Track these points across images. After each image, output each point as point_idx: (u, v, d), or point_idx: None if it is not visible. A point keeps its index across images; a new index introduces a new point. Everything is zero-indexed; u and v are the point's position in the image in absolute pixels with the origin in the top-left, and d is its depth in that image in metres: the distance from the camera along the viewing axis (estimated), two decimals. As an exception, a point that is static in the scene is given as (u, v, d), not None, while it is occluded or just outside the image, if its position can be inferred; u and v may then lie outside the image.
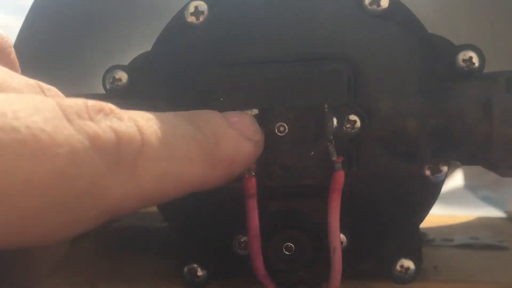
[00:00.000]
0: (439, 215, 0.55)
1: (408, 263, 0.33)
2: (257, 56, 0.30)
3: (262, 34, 0.30)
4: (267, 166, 0.28)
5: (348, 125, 0.28)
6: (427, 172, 0.31)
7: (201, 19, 0.33)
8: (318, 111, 0.28)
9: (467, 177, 0.81)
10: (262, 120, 0.28)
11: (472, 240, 0.46)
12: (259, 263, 0.26)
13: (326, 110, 0.27)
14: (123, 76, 0.34)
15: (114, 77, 0.34)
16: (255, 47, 0.30)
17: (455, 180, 0.82)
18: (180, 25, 0.33)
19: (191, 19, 0.33)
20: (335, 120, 0.28)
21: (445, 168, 0.32)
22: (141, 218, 0.52)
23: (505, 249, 0.45)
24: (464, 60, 0.31)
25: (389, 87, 0.30)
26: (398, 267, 0.33)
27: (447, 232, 0.50)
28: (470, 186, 0.78)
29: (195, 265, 0.33)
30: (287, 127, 0.28)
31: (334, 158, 0.26)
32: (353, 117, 0.28)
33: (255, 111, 0.27)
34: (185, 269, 0.34)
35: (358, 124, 0.28)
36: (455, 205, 0.64)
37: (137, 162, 0.18)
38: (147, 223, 0.51)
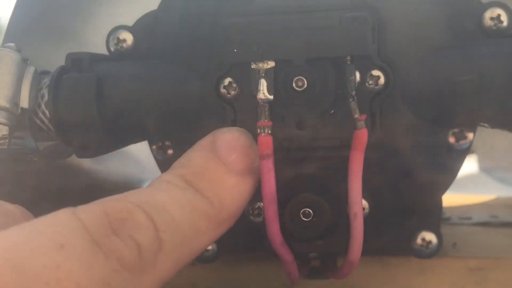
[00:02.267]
0: (455, 194, 0.53)
1: (430, 237, 0.31)
2: (271, 7, 0.27)
3: None
4: (283, 124, 0.26)
5: (371, 81, 0.26)
6: (451, 139, 0.29)
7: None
8: (339, 64, 0.26)
9: (481, 161, 0.79)
10: (279, 73, 0.26)
11: (491, 219, 0.45)
12: (275, 230, 0.24)
13: (348, 63, 0.25)
14: (128, 37, 0.32)
15: (118, 38, 0.32)
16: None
17: (469, 165, 0.80)
18: None
19: None
20: (357, 75, 0.26)
21: (470, 135, 0.30)
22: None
23: (525, 227, 0.43)
24: (492, 18, 0.29)
25: (415, 42, 0.27)
26: (419, 240, 0.31)
27: (465, 210, 0.48)
28: (486, 169, 0.76)
29: None
30: (306, 82, 0.25)
31: (356, 116, 0.24)
32: (376, 72, 0.26)
33: (272, 64, 0.25)
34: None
35: (382, 80, 0.26)
36: (471, 187, 0.62)
37: (157, 259, 0.21)
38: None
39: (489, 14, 0.29)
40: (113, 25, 0.32)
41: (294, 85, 0.25)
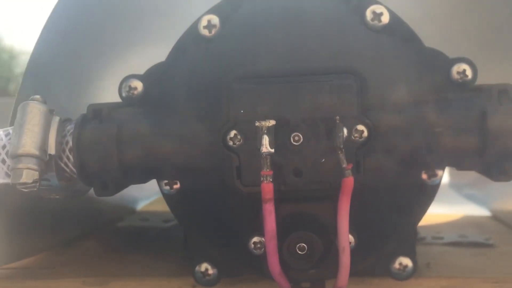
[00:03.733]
0: (427, 214, 0.58)
1: (407, 261, 0.35)
2: (269, 71, 0.32)
3: (273, 50, 0.32)
4: (282, 172, 0.30)
5: (356, 135, 0.31)
6: (424, 176, 0.34)
7: (213, 32, 0.34)
8: (330, 122, 0.30)
9: (451, 176, 0.84)
10: (279, 130, 0.30)
11: (460, 238, 0.49)
12: (275, 262, 0.29)
13: (337, 121, 0.29)
14: (138, 85, 0.35)
15: (130, 86, 0.35)
16: (266, 62, 0.32)
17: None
18: (193, 37, 0.35)
19: (204, 32, 0.35)
20: (345, 130, 0.30)
21: (440, 172, 0.34)
22: (144, 218, 0.53)
23: (491, 246, 0.47)
24: (458, 73, 0.33)
25: (393, 98, 0.32)
26: (397, 265, 0.35)
27: (437, 230, 0.53)
28: (455, 184, 0.81)
29: (207, 264, 0.35)
30: (301, 137, 0.30)
31: (344, 166, 0.28)
32: (360, 127, 0.31)
33: (273, 122, 0.29)
34: (197, 267, 0.35)
35: (365, 133, 0.31)
36: (441, 202, 0.67)
37: None
38: (150, 223, 0.53)
39: (456, 68, 0.34)
40: (128, 72, 0.36)
41: (291, 140, 0.30)
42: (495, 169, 0.31)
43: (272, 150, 0.29)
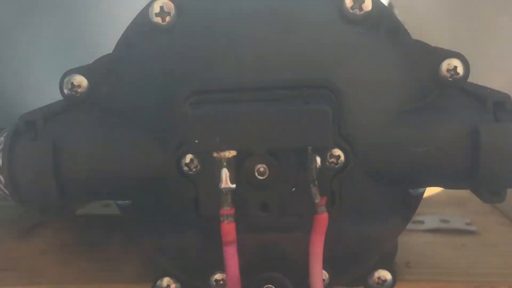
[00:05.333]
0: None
1: (385, 274, 0.32)
2: (230, 83, 0.27)
3: (236, 54, 0.27)
4: (246, 207, 0.26)
5: (331, 160, 0.26)
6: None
7: (167, 20, 0.29)
8: (300, 151, 0.25)
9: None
10: (241, 162, 0.25)
11: (442, 224, 0.47)
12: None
13: (309, 152, 0.25)
14: (82, 82, 0.30)
15: (72, 83, 0.30)
16: (228, 71, 0.27)
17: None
18: (144, 26, 0.29)
19: (157, 20, 0.29)
20: (318, 160, 0.26)
21: None
22: (106, 203, 0.50)
23: (473, 233, 0.45)
24: (448, 70, 0.29)
25: (373, 113, 0.28)
26: (375, 278, 0.32)
27: (417, 211, 0.50)
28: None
29: (169, 279, 0.32)
30: (267, 169, 0.25)
31: (317, 201, 0.24)
32: (336, 151, 0.26)
33: (233, 153, 0.25)
34: (158, 282, 0.32)
35: (342, 158, 0.27)
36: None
37: None
38: (112, 210, 0.49)
39: (445, 66, 0.29)
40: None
41: (256, 173, 0.25)
42: (486, 190, 0.28)
43: (233, 186, 0.25)
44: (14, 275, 0.39)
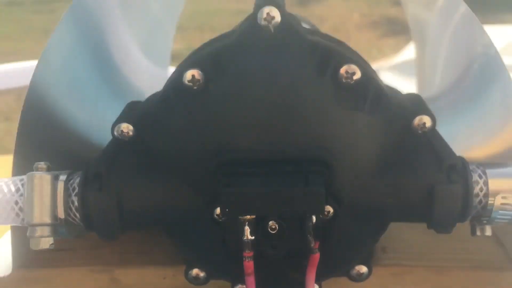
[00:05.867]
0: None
1: (364, 269, 0.42)
2: (248, 156, 0.35)
3: (253, 131, 0.35)
4: (262, 248, 0.35)
5: (324, 213, 0.36)
6: None
7: (197, 86, 0.37)
8: (301, 214, 0.34)
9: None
10: (258, 221, 0.34)
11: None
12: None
13: (307, 215, 0.34)
14: (130, 129, 0.38)
15: (122, 130, 0.38)
16: (247, 145, 0.35)
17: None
18: (178, 89, 0.37)
19: (189, 84, 0.37)
20: (313, 218, 0.34)
21: None
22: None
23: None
24: (418, 125, 0.37)
25: (357, 174, 0.36)
26: (355, 271, 0.42)
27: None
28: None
29: (197, 270, 0.42)
30: (277, 226, 0.34)
31: (312, 245, 0.34)
32: (328, 208, 0.35)
33: (253, 216, 0.34)
34: (189, 271, 0.42)
35: (332, 212, 0.36)
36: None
37: None
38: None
39: (417, 121, 0.37)
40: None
41: (269, 228, 0.34)
42: (438, 228, 0.37)
43: (253, 237, 0.34)
44: (72, 255, 0.48)
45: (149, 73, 0.72)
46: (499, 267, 0.47)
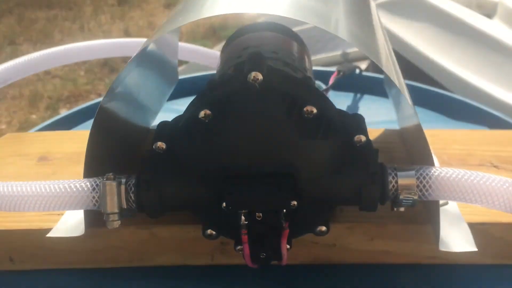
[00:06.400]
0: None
1: (323, 228, 0.63)
2: (243, 167, 0.54)
3: (245, 154, 0.54)
4: (253, 226, 0.55)
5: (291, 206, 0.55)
6: None
7: (208, 120, 0.55)
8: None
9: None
10: (250, 212, 0.54)
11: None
12: (248, 259, 0.56)
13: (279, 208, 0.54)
14: (163, 145, 0.57)
15: (158, 146, 0.57)
16: (241, 166, 0.54)
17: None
18: (194, 121, 0.56)
19: (202, 117, 0.55)
20: (284, 210, 0.54)
21: None
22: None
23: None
24: (357, 141, 0.56)
25: (315, 177, 0.55)
26: (317, 230, 0.63)
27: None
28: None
29: (211, 230, 0.63)
30: (261, 215, 0.54)
31: (284, 225, 0.54)
32: (293, 202, 0.54)
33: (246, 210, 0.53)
34: (206, 232, 0.63)
35: (296, 205, 0.54)
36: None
37: None
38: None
39: (356, 138, 0.56)
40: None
41: (256, 217, 0.54)
42: (367, 211, 0.57)
43: (246, 222, 0.53)
44: (123, 220, 0.64)
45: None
46: (422, 222, 0.66)
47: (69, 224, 0.65)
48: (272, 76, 0.54)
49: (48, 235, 0.63)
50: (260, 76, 0.53)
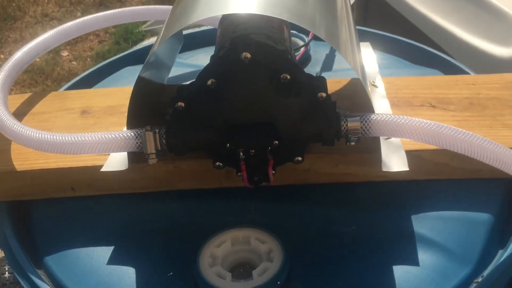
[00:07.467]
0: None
1: (299, 158, 0.87)
2: (241, 119, 0.78)
3: (242, 110, 0.78)
4: (248, 160, 0.80)
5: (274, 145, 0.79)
6: None
7: (214, 86, 0.79)
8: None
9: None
10: (246, 150, 0.78)
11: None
12: (246, 181, 0.81)
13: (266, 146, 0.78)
14: (182, 104, 0.81)
15: (178, 104, 0.81)
16: (240, 115, 0.78)
17: None
18: (204, 87, 0.79)
19: (210, 86, 0.79)
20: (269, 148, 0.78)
21: None
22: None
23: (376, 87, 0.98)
24: (320, 96, 0.79)
25: (289, 126, 0.80)
26: (295, 160, 0.87)
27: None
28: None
29: (219, 162, 0.87)
30: (254, 151, 0.78)
31: (270, 159, 0.79)
32: (275, 142, 0.78)
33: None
34: (216, 164, 0.87)
35: (277, 143, 0.78)
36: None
37: None
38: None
39: (319, 94, 0.80)
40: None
41: (250, 153, 0.78)
42: (328, 145, 0.81)
43: (244, 156, 0.78)
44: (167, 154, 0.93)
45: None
46: (372, 151, 0.89)
47: (116, 161, 0.89)
48: (259, 52, 0.76)
49: (102, 169, 0.87)
50: (249, 55, 0.75)
